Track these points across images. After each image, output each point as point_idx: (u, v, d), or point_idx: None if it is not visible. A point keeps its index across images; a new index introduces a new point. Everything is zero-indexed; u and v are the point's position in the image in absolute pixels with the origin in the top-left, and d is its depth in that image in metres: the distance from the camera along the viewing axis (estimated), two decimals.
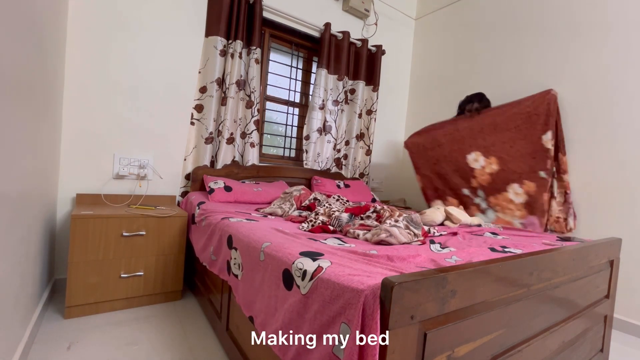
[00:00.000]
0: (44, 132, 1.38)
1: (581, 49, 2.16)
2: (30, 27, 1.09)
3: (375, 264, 0.86)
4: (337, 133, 2.83)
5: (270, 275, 0.95)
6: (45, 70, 1.33)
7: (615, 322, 1.92)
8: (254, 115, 2.33)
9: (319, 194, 1.94)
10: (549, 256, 0.98)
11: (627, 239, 1.91)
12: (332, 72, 2.72)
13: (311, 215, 1.54)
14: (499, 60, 2.62)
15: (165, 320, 1.58)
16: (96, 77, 1.84)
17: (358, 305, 0.63)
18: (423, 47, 3.31)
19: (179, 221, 1.78)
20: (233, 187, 2.04)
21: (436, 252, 1.08)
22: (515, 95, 2.42)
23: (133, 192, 1.98)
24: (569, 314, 1.13)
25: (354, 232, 1.31)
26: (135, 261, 1.66)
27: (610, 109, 2.01)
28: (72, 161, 1.81)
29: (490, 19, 2.70)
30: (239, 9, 2.20)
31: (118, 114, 1.92)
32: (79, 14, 1.77)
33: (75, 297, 1.52)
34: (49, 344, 1.32)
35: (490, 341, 0.81)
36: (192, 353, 1.34)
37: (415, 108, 3.34)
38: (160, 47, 2.02)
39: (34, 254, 1.33)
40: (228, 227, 1.35)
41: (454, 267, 0.73)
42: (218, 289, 1.48)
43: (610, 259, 1.36)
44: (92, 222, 1.54)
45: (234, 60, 2.20)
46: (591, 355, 1.32)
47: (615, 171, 1.98)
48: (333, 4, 2.80)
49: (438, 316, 0.67)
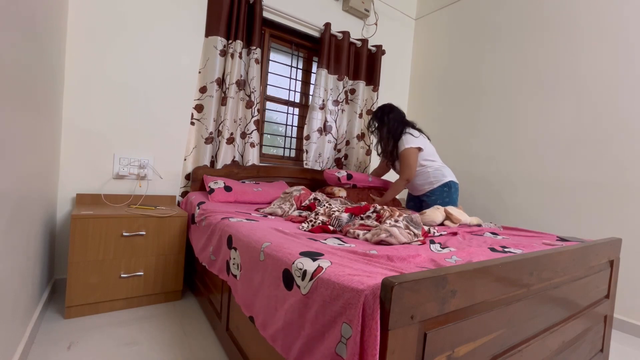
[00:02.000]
0: (44, 132, 1.38)
1: (581, 47, 2.16)
2: (30, 27, 1.09)
3: (375, 264, 0.86)
4: (338, 133, 2.83)
5: (270, 275, 0.95)
6: (45, 70, 1.33)
7: (615, 322, 1.92)
8: (254, 115, 2.33)
9: (320, 194, 1.94)
10: (549, 256, 0.98)
11: (627, 239, 1.91)
12: (332, 72, 2.72)
13: (311, 215, 1.54)
14: (499, 60, 2.62)
15: (165, 320, 1.58)
16: (96, 77, 1.84)
17: (358, 305, 0.63)
18: (423, 47, 3.31)
19: (179, 221, 1.78)
20: (233, 187, 2.04)
21: (436, 252, 1.08)
22: (515, 95, 2.42)
23: (133, 192, 1.98)
24: (569, 314, 1.13)
25: (354, 232, 1.31)
26: (135, 261, 1.66)
27: (610, 108, 2.02)
28: (72, 161, 1.81)
29: (490, 18, 2.70)
30: (239, 9, 2.20)
31: (118, 114, 1.92)
32: (79, 14, 1.77)
33: (75, 297, 1.52)
34: (49, 344, 1.32)
35: (490, 341, 0.81)
36: (192, 353, 1.34)
37: (415, 108, 3.34)
38: (160, 47, 2.02)
39: (34, 254, 1.33)
40: (228, 227, 1.35)
41: (454, 267, 0.72)
42: (218, 289, 1.48)
43: (610, 259, 1.36)
44: (92, 222, 1.54)
45: (234, 60, 2.19)
46: (591, 355, 1.32)
47: (615, 171, 1.98)
48: (333, 4, 2.80)
49: (438, 316, 0.67)
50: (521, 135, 2.45)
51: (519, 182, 2.43)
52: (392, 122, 2.22)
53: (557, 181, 2.23)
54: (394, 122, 2.21)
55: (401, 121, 2.24)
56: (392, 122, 2.22)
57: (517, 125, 2.48)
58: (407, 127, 2.21)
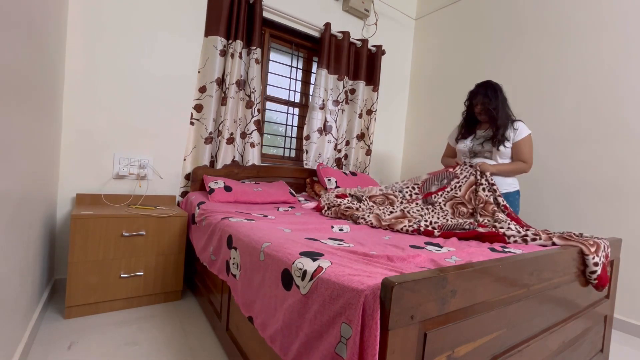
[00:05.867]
0: (44, 132, 1.38)
1: (581, 48, 2.16)
2: (30, 27, 1.09)
3: (375, 264, 0.86)
4: (338, 133, 2.83)
5: (270, 275, 0.95)
6: (45, 70, 1.33)
7: (615, 322, 1.92)
8: (254, 115, 2.33)
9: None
10: (549, 256, 0.98)
11: (627, 239, 1.91)
12: (332, 72, 2.72)
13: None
14: (499, 60, 2.62)
15: (165, 320, 1.58)
16: (96, 77, 1.84)
17: (358, 306, 0.63)
18: (423, 47, 3.31)
19: (179, 221, 1.78)
20: (233, 187, 2.04)
21: (436, 252, 1.08)
22: (515, 95, 2.41)
23: (133, 192, 1.98)
24: (569, 314, 1.13)
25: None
26: (135, 261, 1.66)
27: (610, 108, 2.01)
28: (72, 161, 1.81)
29: (490, 18, 2.70)
30: (239, 9, 2.20)
31: (118, 113, 1.92)
32: (79, 14, 1.77)
33: (75, 297, 1.52)
34: (49, 344, 1.32)
35: (490, 341, 0.81)
36: (192, 353, 1.34)
37: (415, 108, 3.34)
38: (159, 46, 2.02)
39: (34, 254, 1.33)
40: (228, 227, 1.35)
41: (454, 267, 0.73)
42: (218, 289, 1.48)
43: (610, 259, 1.36)
44: (92, 222, 1.54)
45: (234, 60, 2.19)
46: (591, 356, 1.32)
47: (615, 171, 1.98)
48: (333, 4, 2.80)
49: (438, 316, 0.67)
50: None
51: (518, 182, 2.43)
52: (506, 101, 1.87)
53: (557, 181, 2.23)
54: (506, 102, 1.88)
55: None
56: (506, 101, 1.87)
57: None
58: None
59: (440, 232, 1.39)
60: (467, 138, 1.98)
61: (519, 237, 1.27)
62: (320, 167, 2.56)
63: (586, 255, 1.14)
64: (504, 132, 1.82)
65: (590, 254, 1.13)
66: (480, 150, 1.92)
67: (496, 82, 1.90)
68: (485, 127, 1.94)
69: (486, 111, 1.86)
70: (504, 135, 1.82)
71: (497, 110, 1.82)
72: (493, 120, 1.84)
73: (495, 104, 1.83)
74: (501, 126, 1.82)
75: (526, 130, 1.84)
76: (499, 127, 1.83)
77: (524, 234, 1.28)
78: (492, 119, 1.84)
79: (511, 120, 1.86)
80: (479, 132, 1.96)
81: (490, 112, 1.84)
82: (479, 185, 1.72)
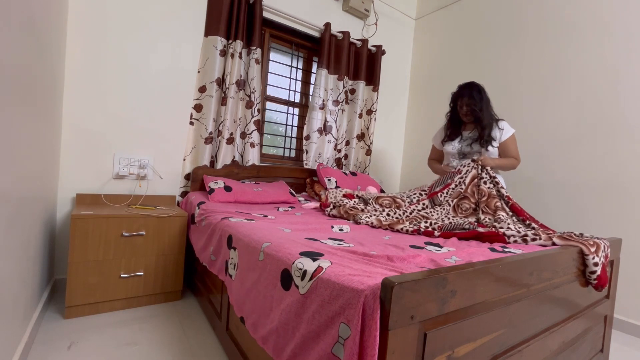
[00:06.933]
0: (44, 132, 1.38)
1: (581, 47, 2.16)
2: (30, 27, 1.09)
3: (375, 264, 0.86)
4: (338, 133, 2.83)
5: (268, 275, 0.95)
6: (45, 70, 1.33)
7: (615, 322, 1.92)
8: (254, 115, 2.33)
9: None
10: (549, 256, 0.98)
11: (627, 239, 1.91)
12: (332, 72, 2.72)
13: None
14: (499, 60, 2.62)
15: (165, 320, 1.58)
16: (96, 77, 1.84)
17: (358, 305, 0.63)
18: (423, 47, 3.31)
19: (179, 221, 1.78)
20: (233, 187, 2.04)
21: (436, 252, 1.08)
22: (515, 94, 2.41)
23: (133, 192, 1.98)
24: (569, 314, 1.13)
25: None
26: (135, 261, 1.66)
27: (611, 107, 2.01)
28: (72, 161, 1.81)
29: (490, 18, 2.70)
30: (239, 9, 2.20)
31: (118, 113, 1.92)
32: (79, 14, 1.77)
33: (75, 297, 1.52)
34: (49, 344, 1.32)
35: (490, 341, 0.81)
36: (192, 353, 1.34)
37: (415, 108, 3.34)
38: (159, 46, 2.02)
39: (34, 254, 1.33)
40: (228, 227, 1.35)
41: (454, 267, 0.72)
42: (218, 289, 1.48)
43: (610, 259, 1.36)
44: (92, 222, 1.54)
45: (234, 60, 2.19)
46: (591, 356, 1.32)
47: (615, 171, 1.98)
48: (333, 4, 2.80)
49: (438, 316, 0.67)
50: (521, 135, 2.44)
51: (518, 182, 2.43)
52: (489, 102, 1.93)
53: (557, 181, 2.23)
54: (490, 103, 1.93)
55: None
56: (489, 102, 1.93)
57: (517, 125, 2.47)
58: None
59: (440, 233, 1.39)
60: (454, 140, 2.01)
61: (519, 237, 1.27)
62: (320, 167, 2.56)
63: (586, 255, 1.14)
64: (489, 132, 1.87)
65: (590, 254, 1.14)
66: (469, 151, 1.95)
67: (479, 83, 1.96)
68: (471, 128, 1.98)
69: (472, 112, 1.90)
70: (490, 135, 1.88)
71: (482, 110, 1.87)
72: (478, 120, 1.89)
73: (480, 105, 1.88)
74: (487, 126, 1.87)
75: (510, 129, 1.92)
76: (484, 128, 1.87)
77: (523, 234, 1.28)
78: (478, 119, 1.89)
79: (495, 120, 1.92)
80: (465, 134, 1.99)
81: (476, 113, 1.88)
82: (481, 179, 1.74)
